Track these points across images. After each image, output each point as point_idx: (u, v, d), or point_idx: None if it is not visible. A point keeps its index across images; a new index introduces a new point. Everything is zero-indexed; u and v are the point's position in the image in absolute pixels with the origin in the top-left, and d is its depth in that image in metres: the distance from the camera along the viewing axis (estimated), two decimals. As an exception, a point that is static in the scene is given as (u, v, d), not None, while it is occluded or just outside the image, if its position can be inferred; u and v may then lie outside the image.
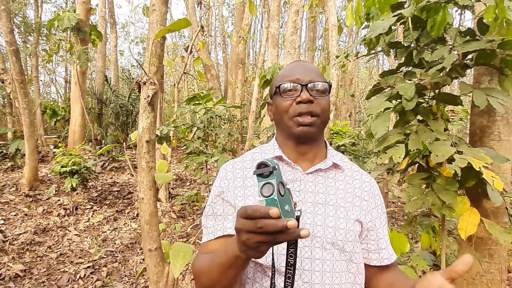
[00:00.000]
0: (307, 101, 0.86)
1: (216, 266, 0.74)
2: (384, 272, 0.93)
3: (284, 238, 0.57)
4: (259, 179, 0.60)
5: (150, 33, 1.82)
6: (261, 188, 0.60)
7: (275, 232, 0.56)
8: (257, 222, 0.56)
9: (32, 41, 10.85)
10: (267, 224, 0.56)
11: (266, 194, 0.59)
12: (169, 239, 4.33)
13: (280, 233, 0.56)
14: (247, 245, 0.60)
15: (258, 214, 0.57)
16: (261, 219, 0.56)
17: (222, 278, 0.73)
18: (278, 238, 0.57)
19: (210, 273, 0.76)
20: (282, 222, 0.55)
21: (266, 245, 0.59)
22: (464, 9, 1.66)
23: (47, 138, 10.38)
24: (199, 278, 0.81)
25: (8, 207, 4.93)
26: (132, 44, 23.59)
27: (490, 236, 1.79)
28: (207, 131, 4.45)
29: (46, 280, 3.29)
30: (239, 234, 0.61)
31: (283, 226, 0.55)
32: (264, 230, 0.56)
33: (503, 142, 1.78)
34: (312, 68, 0.93)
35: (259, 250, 0.60)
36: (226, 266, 0.71)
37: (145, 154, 1.83)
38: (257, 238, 0.58)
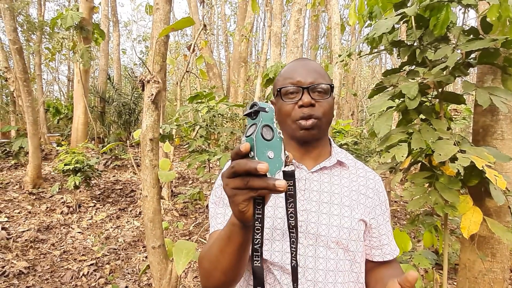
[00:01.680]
0: (309, 105, 0.85)
1: (216, 242, 0.72)
2: (381, 267, 0.94)
3: (258, 185, 0.52)
4: (248, 120, 0.58)
5: (153, 32, 1.83)
6: (247, 129, 0.57)
7: (245, 173, 0.52)
8: (244, 179, 0.53)
9: (35, 39, 10.87)
10: (237, 162, 0.53)
11: (247, 134, 0.56)
12: (171, 237, 4.35)
13: (253, 177, 0.52)
14: (235, 203, 0.56)
15: (233, 152, 0.54)
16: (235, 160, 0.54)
17: (222, 257, 0.69)
18: (250, 182, 0.53)
19: (210, 254, 0.73)
20: (252, 162, 0.51)
21: (242, 192, 0.54)
22: (467, 8, 1.66)
23: (50, 136, 10.43)
24: (201, 263, 0.78)
25: (12, 205, 4.96)
26: (134, 42, 23.64)
27: (493, 235, 1.79)
28: (210, 129, 4.46)
29: (49, 277, 3.31)
30: (226, 192, 0.57)
31: (252, 166, 0.51)
32: (235, 169, 0.53)
33: (506, 141, 1.77)
34: (314, 68, 0.90)
35: (235, 200, 0.56)
36: (225, 240, 0.68)
37: (149, 152, 1.84)
38: (233, 183, 0.55)
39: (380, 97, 1.72)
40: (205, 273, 0.76)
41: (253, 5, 5.92)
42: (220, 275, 0.72)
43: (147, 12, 7.64)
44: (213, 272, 0.73)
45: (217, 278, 0.73)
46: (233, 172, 0.54)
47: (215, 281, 0.74)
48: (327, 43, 13.85)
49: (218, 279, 0.73)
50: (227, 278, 0.72)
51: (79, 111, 8.47)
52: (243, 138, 0.55)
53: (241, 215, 0.58)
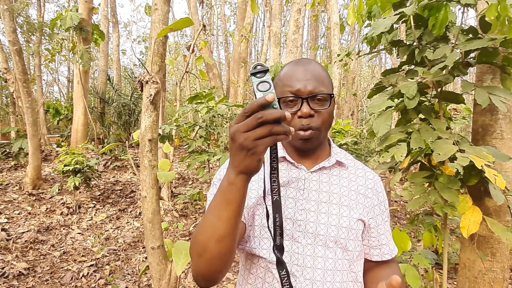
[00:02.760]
0: (308, 116, 0.84)
1: (210, 210, 0.70)
2: (379, 267, 0.94)
3: (280, 130, 0.58)
4: (254, 79, 0.63)
5: (152, 32, 1.83)
6: (257, 86, 0.62)
7: (273, 121, 0.57)
8: (257, 114, 0.58)
9: (35, 40, 10.88)
10: (267, 113, 0.57)
11: (263, 89, 0.62)
12: (171, 237, 4.35)
13: (277, 124, 0.58)
14: (244, 147, 0.60)
15: (256, 104, 0.58)
16: (260, 111, 0.58)
17: (217, 223, 0.68)
18: (274, 129, 0.58)
19: (205, 224, 0.71)
20: (281, 111, 0.57)
21: (264, 140, 0.59)
22: (467, 7, 1.66)
23: (50, 137, 10.42)
24: (195, 240, 0.73)
25: (12, 206, 4.96)
26: (134, 43, 23.65)
27: (493, 234, 1.79)
28: (209, 130, 4.46)
29: (49, 278, 3.31)
30: (235, 138, 0.60)
31: (282, 114, 0.57)
32: (264, 119, 0.57)
33: (506, 140, 1.77)
34: (314, 73, 0.87)
35: (258, 151, 0.60)
36: (221, 204, 0.67)
37: (148, 152, 1.83)
38: (255, 133, 0.58)
39: (379, 96, 1.72)
40: (200, 248, 0.71)
41: (252, 5, 5.92)
42: (215, 244, 0.69)
43: (146, 12, 7.65)
44: (208, 243, 0.69)
45: (212, 249, 0.69)
46: (260, 121, 0.57)
47: (210, 254, 0.70)
48: (326, 43, 13.86)
49: (213, 251, 0.69)
50: (222, 246, 0.69)
51: (79, 112, 8.47)
52: (259, 93, 0.62)
53: (258, 164, 0.62)
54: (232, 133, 0.61)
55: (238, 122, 0.60)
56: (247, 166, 0.62)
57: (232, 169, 0.65)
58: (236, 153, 0.62)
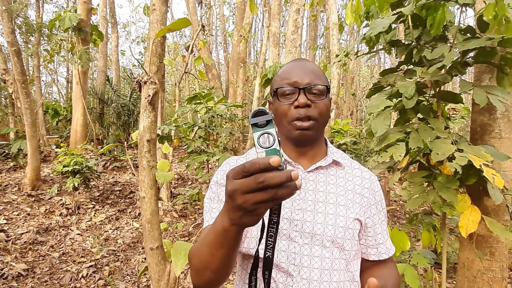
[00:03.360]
0: (305, 106, 0.86)
1: (205, 246, 0.70)
2: (376, 267, 0.94)
3: (285, 193, 0.51)
4: (255, 129, 0.54)
5: (150, 33, 1.83)
6: (258, 138, 0.54)
7: (277, 185, 0.50)
8: (258, 177, 0.50)
9: (34, 41, 10.87)
10: (270, 177, 0.50)
11: (265, 145, 0.53)
12: (170, 238, 4.35)
13: (281, 188, 0.51)
14: (243, 209, 0.54)
15: (258, 167, 0.50)
16: (261, 173, 0.51)
17: (212, 259, 0.69)
18: (279, 193, 0.51)
19: (200, 254, 0.73)
20: (286, 173, 0.50)
21: (265, 204, 0.53)
22: (464, 7, 1.66)
23: (49, 138, 10.41)
24: (191, 261, 0.79)
25: (11, 207, 4.95)
26: (133, 43, 23.66)
27: (491, 234, 1.79)
28: (209, 130, 4.46)
29: (48, 279, 3.31)
30: (234, 198, 0.54)
31: (288, 176, 0.50)
32: (266, 184, 0.50)
33: (504, 140, 1.77)
34: (311, 68, 0.91)
35: (257, 213, 0.54)
36: (215, 245, 0.66)
37: (146, 153, 1.83)
38: (256, 197, 0.51)
39: (378, 96, 1.73)
40: (196, 271, 0.77)
41: (251, 5, 5.92)
42: (210, 274, 0.73)
43: (145, 13, 7.64)
44: (204, 271, 0.74)
45: (207, 276, 0.74)
46: (262, 186, 0.50)
47: (205, 279, 0.75)
48: (325, 43, 13.86)
49: (208, 278, 0.74)
50: (217, 276, 0.73)
51: (78, 113, 8.46)
52: (260, 150, 0.53)
53: (256, 221, 0.57)
54: (230, 191, 0.54)
55: (236, 178, 0.53)
56: (243, 223, 0.57)
57: (227, 219, 0.60)
58: (233, 210, 0.56)
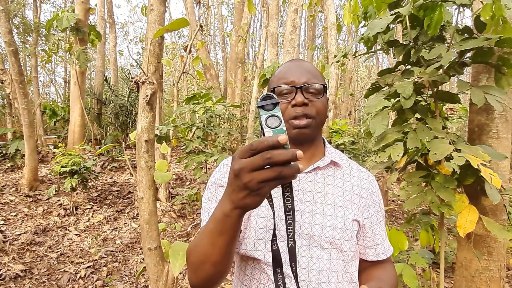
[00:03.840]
0: (302, 104, 0.86)
1: (205, 236, 0.70)
2: (374, 267, 0.94)
3: (289, 173, 0.53)
4: (262, 112, 0.58)
5: (148, 33, 1.83)
6: (265, 120, 0.57)
7: (282, 163, 0.52)
8: (265, 154, 0.52)
9: (31, 41, 10.85)
10: (277, 153, 0.51)
11: (273, 126, 0.57)
12: (169, 238, 4.34)
13: (286, 167, 0.52)
14: (248, 188, 0.55)
15: (266, 144, 0.52)
16: (269, 150, 0.52)
17: (212, 250, 0.68)
18: (283, 172, 0.52)
19: (199, 248, 0.72)
20: (292, 151, 0.52)
21: (270, 183, 0.54)
22: (462, 7, 1.66)
23: (47, 138, 10.38)
24: (189, 257, 0.77)
25: (8, 208, 4.93)
26: (131, 44, 23.60)
27: (489, 233, 1.80)
28: (207, 130, 4.46)
29: (46, 280, 3.30)
30: (240, 176, 0.55)
31: (293, 154, 0.52)
32: (273, 160, 0.52)
33: (502, 139, 1.78)
34: (308, 68, 0.92)
35: (261, 193, 0.56)
36: (216, 233, 0.66)
37: (144, 153, 1.83)
38: (263, 175, 0.53)
39: (376, 96, 1.73)
40: (194, 266, 0.75)
41: (249, 5, 5.92)
42: (209, 267, 0.71)
43: (143, 13, 7.63)
44: (202, 265, 0.72)
45: (206, 270, 0.72)
46: (269, 162, 0.52)
47: (204, 274, 0.73)
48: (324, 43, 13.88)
49: (207, 272, 0.72)
50: (217, 270, 0.72)
51: (76, 113, 8.44)
52: (267, 130, 0.56)
53: (258, 203, 0.58)
54: (237, 169, 0.55)
55: (242, 157, 0.55)
56: (246, 204, 0.58)
57: (228, 202, 0.61)
58: (237, 190, 0.58)
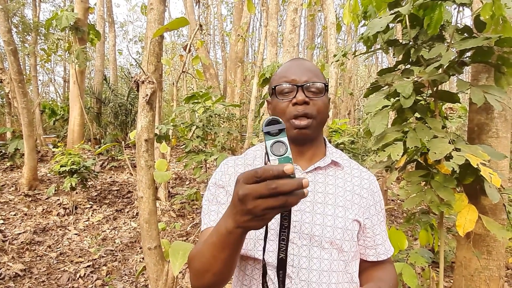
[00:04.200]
0: (303, 103, 0.86)
1: (208, 247, 0.70)
2: (375, 268, 0.94)
3: (294, 201, 0.53)
4: (267, 137, 0.57)
5: (148, 32, 1.83)
6: (271, 146, 0.56)
7: (288, 192, 0.52)
8: (270, 183, 0.52)
9: (31, 40, 10.83)
10: (282, 183, 0.51)
11: (278, 153, 0.56)
12: (168, 238, 4.34)
13: (291, 195, 0.52)
14: (252, 213, 0.55)
15: (271, 173, 0.52)
16: (274, 179, 0.52)
17: (214, 262, 0.69)
18: (289, 200, 0.52)
19: (201, 257, 0.73)
20: (298, 181, 0.52)
21: (275, 210, 0.54)
22: (462, 7, 1.67)
23: (46, 137, 10.36)
24: (191, 263, 0.78)
25: (8, 207, 4.93)
26: (130, 43, 23.56)
27: (488, 233, 1.80)
28: (206, 129, 4.46)
29: (46, 279, 3.29)
30: (244, 202, 0.55)
31: (299, 184, 0.51)
32: (278, 190, 0.51)
33: (501, 139, 1.78)
34: (309, 67, 0.91)
35: (265, 218, 0.56)
36: (218, 247, 0.67)
37: (144, 153, 1.83)
38: (267, 203, 0.53)
39: (376, 96, 1.73)
40: (196, 273, 0.76)
41: (249, 5, 5.91)
42: (211, 276, 0.72)
43: (142, 12, 7.63)
44: (205, 274, 0.73)
45: (208, 279, 0.73)
46: (276, 192, 0.52)
47: (206, 281, 0.74)
48: (323, 43, 13.88)
49: (209, 280, 0.73)
50: (218, 279, 0.73)
51: (75, 112, 8.43)
52: (273, 157, 0.56)
53: (259, 226, 0.58)
54: (241, 195, 0.55)
55: (247, 183, 0.55)
56: (249, 226, 0.59)
57: (231, 221, 0.61)
58: (241, 214, 0.57)
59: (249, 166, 0.93)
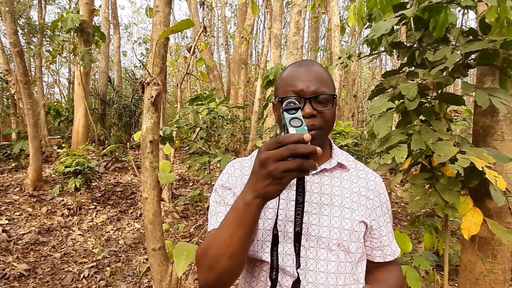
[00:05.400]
0: (310, 116, 0.84)
1: (224, 228, 0.73)
2: (381, 269, 0.94)
3: (308, 166, 0.60)
4: (286, 114, 0.67)
5: (153, 34, 1.84)
6: (289, 121, 0.66)
7: (304, 155, 0.60)
8: (291, 146, 0.60)
9: (36, 42, 10.90)
10: (300, 146, 0.59)
11: (296, 125, 0.66)
12: (172, 239, 4.35)
13: (306, 160, 0.60)
14: (272, 176, 0.62)
15: (292, 139, 0.60)
16: (294, 143, 0.60)
17: (231, 241, 0.71)
18: (304, 164, 0.60)
19: (217, 240, 0.73)
20: (313, 146, 0.60)
21: (291, 174, 0.61)
22: (467, 9, 1.66)
23: (51, 138, 10.43)
24: (204, 255, 0.77)
25: (13, 207, 4.96)
26: (135, 45, 23.67)
27: (493, 236, 1.79)
28: (210, 131, 4.47)
29: (50, 279, 3.31)
30: (266, 165, 0.62)
31: (314, 149, 0.60)
32: (297, 152, 0.59)
33: (506, 142, 1.77)
34: (317, 74, 0.87)
35: (283, 182, 0.62)
36: (236, 223, 0.70)
37: (149, 154, 1.84)
38: (286, 165, 0.60)
39: (380, 98, 1.73)
40: (210, 262, 0.75)
41: (253, 7, 5.92)
42: (227, 260, 0.72)
43: (147, 14, 7.66)
44: (221, 259, 0.72)
45: (224, 264, 0.73)
46: (293, 153, 0.60)
47: (221, 269, 0.73)
48: (327, 45, 13.87)
49: (224, 266, 0.73)
50: (233, 263, 0.73)
51: (80, 114, 8.48)
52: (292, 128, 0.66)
53: (279, 192, 0.65)
54: (263, 159, 0.62)
55: (268, 149, 0.63)
56: (268, 192, 0.64)
57: (250, 191, 0.67)
58: (261, 179, 0.64)
59: None
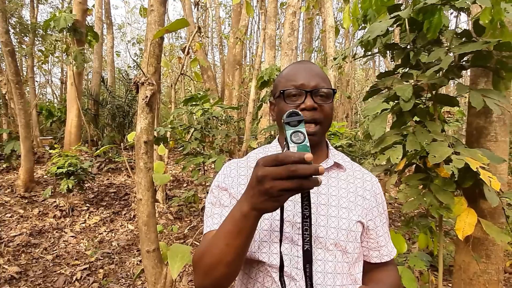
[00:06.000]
0: (311, 109, 0.86)
1: (220, 236, 0.71)
2: (378, 269, 0.94)
3: (309, 185, 0.57)
4: (287, 127, 0.63)
5: (148, 34, 1.82)
6: (290, 135, 0.62)
7: (304, 176, 0.57)
8: (290, 166, 0.57)
9: (28, 41, 10.78)
10: (300, 168, 0.56)
11: (297, 141, 0.62)
12: (166, 240, 4.32)
13: (307, 179, 0.57)
14: (269, 194, 0.59)
15: (292, 159, 0.57)
16: (294, 163, 0.57)
17: (228, 250, 0.70)
18: (304, 184, 0.57)
19: (214, 248, 0.72)
20: (315, 166, 0.57)
21: (290, 193, 0.59)
22: (460, 12, 1.68)
23: (43, 139, 10.31)
24: (201, 260, 0.76)
25: (4, 209, 4.89)
26: (128, 45, 23.51)
27: (487, 236, 1.80)
28: (204, 132, 4.46)
29: (42, 282, 3.26)
30: (263, 182, 0.59)
31: (316, 169, 0.56)
32: (296, 173, 0.56)
33: (500, 143, 1.79)
34: (317, 72, 0.91)
35: (280, 200, 0.60)
36: (233, 233, 0.68)
37: (143, 154, 1.82)
38: (284, 185, 0.57)
39: (375, 99, 1.73)
40: (206, 268, 0.74)
41: (247, 8, 5.93)
42: (223, 268, 0.72)
43: (141, 14, 7.62)
44: (217, 266, 0.72)
45: (220, 271, 0.72)
46: (293, 175, 0.57)
47: (217, 275, 0.73)
48: (321, 46, 13.93)
49: (221, 273, 0.72)
50: (229, 271, 0.73)
51: (73, 114, 8.39)
52: (292, 145, 0.62)
53: (276, 208, 0.62)
54: (260, 176, 0.60)
55: (267, 165, 0.60)
56: (265, 208, 0.62)
57: (247, 204, 0.65)
58: (257, 194, 0.61)
59: (252, 168, 0.93)
